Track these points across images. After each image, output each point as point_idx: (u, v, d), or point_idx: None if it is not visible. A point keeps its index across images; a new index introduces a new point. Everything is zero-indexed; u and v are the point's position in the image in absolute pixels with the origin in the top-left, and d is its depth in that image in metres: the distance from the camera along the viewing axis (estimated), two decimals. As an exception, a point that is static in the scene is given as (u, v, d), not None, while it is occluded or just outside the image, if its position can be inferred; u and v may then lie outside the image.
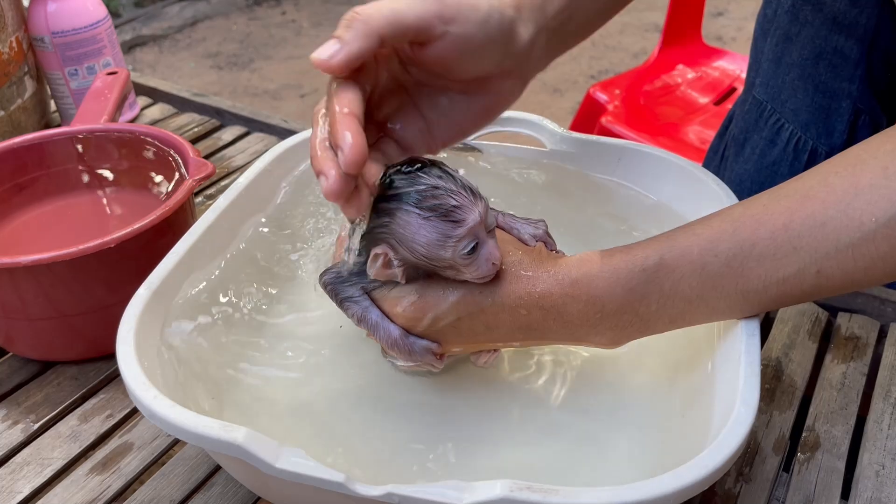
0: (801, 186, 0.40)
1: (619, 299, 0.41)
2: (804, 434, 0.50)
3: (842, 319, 0.58)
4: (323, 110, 0.40)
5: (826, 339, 0.57)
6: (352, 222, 0.43)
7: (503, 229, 0.46)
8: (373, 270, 0.43)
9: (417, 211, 0.41)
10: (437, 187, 0.41)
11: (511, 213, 0.48)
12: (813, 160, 0.66)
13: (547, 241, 0.46)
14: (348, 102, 0.38)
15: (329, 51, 0.38)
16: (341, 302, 0.46)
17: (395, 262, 0.42)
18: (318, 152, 0.38)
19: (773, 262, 0.39)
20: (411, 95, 0.44)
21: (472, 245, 0.41)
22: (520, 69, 0.45)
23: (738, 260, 0.40)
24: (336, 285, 0.46)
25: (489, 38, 0.42)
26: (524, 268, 0.43)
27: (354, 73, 0.39)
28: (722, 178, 0.55)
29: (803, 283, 0.40)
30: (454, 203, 0.41)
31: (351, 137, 0.36)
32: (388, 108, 0.44)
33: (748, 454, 0.48)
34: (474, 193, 0.42)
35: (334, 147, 0.37)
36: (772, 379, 0.54)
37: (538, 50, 0.46)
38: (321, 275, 0.47)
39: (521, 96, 0.48)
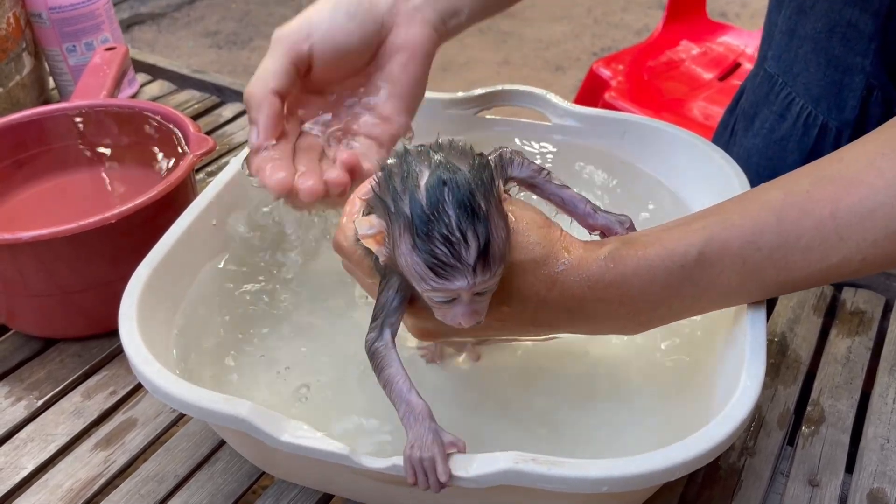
0: (847, 170, 0.38)
1: (654, 297, 0.39)
2: (809, 408, 0.50)
3: (847, 294, 0.58)
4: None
5: (831, 313, 0.57)
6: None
7: (587, 216, 0.42)
8: (361, 233, 0.37)
9: (415, 225, 0.34)
10: (442, 213, 0.34)
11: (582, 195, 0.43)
12: (823, 135, 0.65)
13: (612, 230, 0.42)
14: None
15: (253, 134, 0.49)
16: (372, 358, 0.39)
17: (385, 251, 0.37)
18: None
19: (817, 254, 0.38)
20: (344, 103, 0.51)
21: (448, 299, 0.36)
22: (396, 19, 0.51)
23: (780, 252, 0.38)
24: (374, 336, 0.39)
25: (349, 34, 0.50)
26: (549, 267, 0.39)
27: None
28: (731, 153, 0.54)
29: (845, 270, 0.38)
30: (446, 256, 0.34)
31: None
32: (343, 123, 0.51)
33: (753, 428, 0.48)
34: (481, 252, 0.34)
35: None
36: (776, 354, 0.54)
37: None
38: (366, 339, 0.40)
39: (523, 74, 0.52)
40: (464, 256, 0.34)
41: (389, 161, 0.38)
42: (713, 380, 0.42)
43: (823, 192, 0.38)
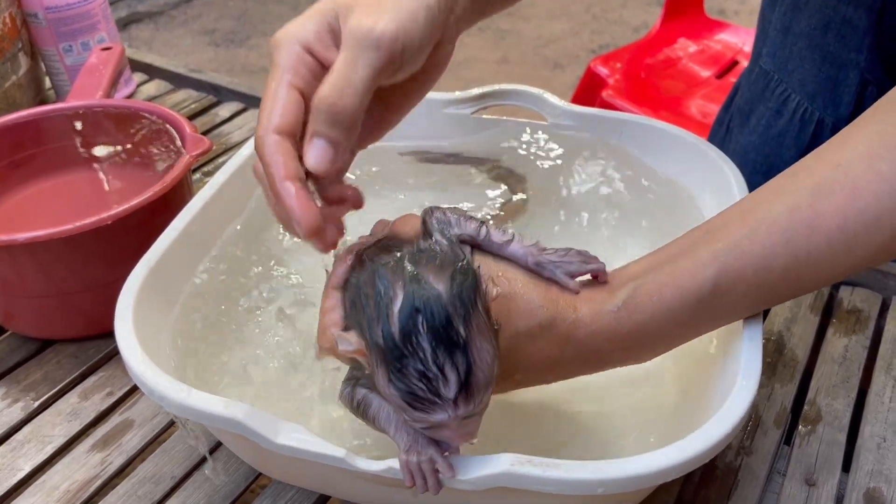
0: (847, 176, 0.37)
1: (672, 334, 0.39)
2: (805, 407, 0.50)
3: (844, 293, 0.58)
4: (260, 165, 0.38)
5: (828, 312, 0.57)
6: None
7: (534, 271, 0.39)
8: (342, 349, 0.34)
9: (389, 360, 0.32)
10: (417, 346, 0.31)
11: (545, 248, 0.39)
12: (819, 131, 0.65)
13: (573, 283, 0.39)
14: (283, 165, 0.36)
15: (327, 157, 0.36)
16: (357, 408, 0.38)
17: (367, 364, 0.34)
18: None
19: (828, 266, 0.38)
20: None
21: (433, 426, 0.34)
22: (447, 34, 0.42)
23: (792, 271, 0.38)
24: (349, 392, 0.38)
25: (428, 38, 0.40)
26: (558, 328, 0.37)
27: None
28: (726, 150, 0.54)
29: (853, 272, 0.39)
30: (423, 392, 0.32)
31: (299, 210, 0.35)
32: None
33: (749, 428, 0.48)
34: (462, 386, 0.32)
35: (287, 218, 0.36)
36: (773, 353, 0.54)
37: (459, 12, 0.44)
38: (340, 391, 0.40)
39: (521, 72, 0.48)
40: (443, 392, 0.32)
41: (362, 274, 0.35)
42: (709, 380, 0.42)
43: (828, 203, 0.37)
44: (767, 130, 0.69)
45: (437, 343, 0.31)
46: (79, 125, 0.66)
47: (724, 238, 0.39)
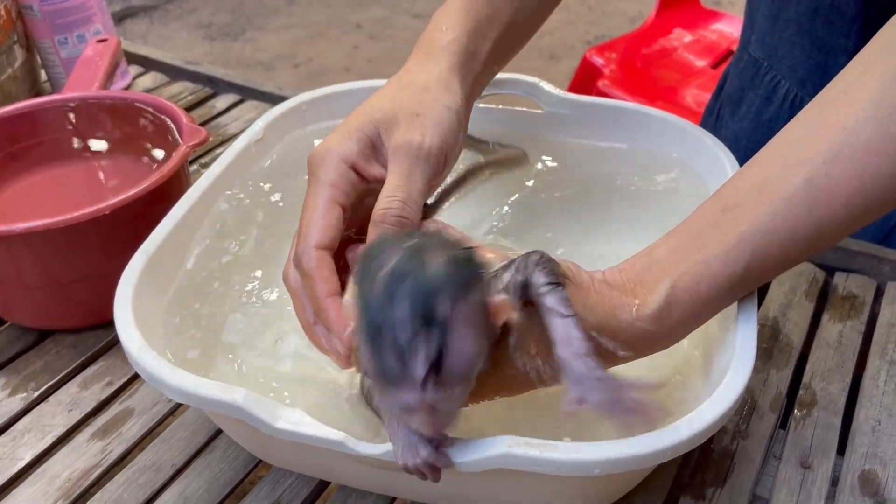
0: (858, 139, 0.37)
1: (702, 322, 0.39)
2: (801, 392, 0.50)
3: (839, 279, 0.59)
4: (296, 277, 0.41)
5: (823, 298, 0.58)
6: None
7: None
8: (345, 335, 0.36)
9: (366, 319, 0.31)
10: (394, 310, 0.29)
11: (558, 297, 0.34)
12: None
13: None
14: (326, 280, 0.39)
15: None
16: (367, 395, 0.38)
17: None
18: (316, 335, 0.40)
19: (846, 226, 0.39)
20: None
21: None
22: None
23: (813, 239, 0.38)
24: (361, 378, 0.39)
25: (459, 141, 0.44)
26: (601, 336, 0.37)
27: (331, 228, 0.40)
28: (718, 137, 0.55)
29: (867, 224, 0.39)
30: (392, 362, 0.30)
31: (340, 328, 0.37)
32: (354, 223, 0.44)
33: (745, 412, 0.49)
34: (433, 366, 0.30)
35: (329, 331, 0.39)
36: (769, 338, 0.54)
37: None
38: (360, 384, 0.40)
39: (517, 63, 0.51)
40: (410, 365, 0.30)
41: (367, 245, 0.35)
42: (705, 364, 0.43)
43: (843, 169, 0.37)
44: (758, 117, 0.69)
45: (415, 313, 0.29)
46: (75, 117, 0.66)
47: (746, 218, 0.38)
